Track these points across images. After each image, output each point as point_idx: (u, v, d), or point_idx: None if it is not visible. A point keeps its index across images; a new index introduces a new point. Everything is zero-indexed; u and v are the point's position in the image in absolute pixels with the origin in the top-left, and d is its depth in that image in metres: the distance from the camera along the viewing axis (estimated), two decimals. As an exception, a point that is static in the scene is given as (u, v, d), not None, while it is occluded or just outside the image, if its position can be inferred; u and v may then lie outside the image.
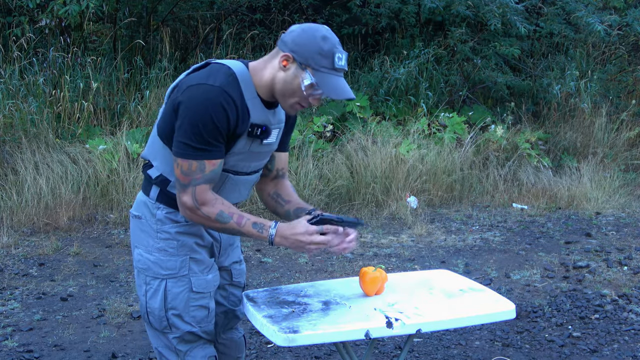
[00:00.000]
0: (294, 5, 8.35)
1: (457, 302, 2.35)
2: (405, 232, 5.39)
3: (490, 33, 7.37)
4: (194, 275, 2.22)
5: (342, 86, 2.08)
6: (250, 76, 2.11)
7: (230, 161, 2.15)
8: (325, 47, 2.03)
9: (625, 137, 7.08)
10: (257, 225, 2.12)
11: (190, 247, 2.22)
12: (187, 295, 2.21)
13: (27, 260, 4.68)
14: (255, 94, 2.11)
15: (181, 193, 2.09)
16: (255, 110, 2.11)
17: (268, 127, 2.16)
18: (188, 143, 2.04)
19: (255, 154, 2.21)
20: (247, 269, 4.54)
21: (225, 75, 2.07)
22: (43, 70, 6.38)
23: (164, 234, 2.20)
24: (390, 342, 3.60)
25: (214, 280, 2.28)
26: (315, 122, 6.39)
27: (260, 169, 2.31)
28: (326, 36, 2.05)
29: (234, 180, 2.21)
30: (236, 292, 2.44)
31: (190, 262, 2.22)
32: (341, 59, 2.07)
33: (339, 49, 2.07)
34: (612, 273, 4.56)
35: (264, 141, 2.18)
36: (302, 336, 2.06)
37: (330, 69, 2.05)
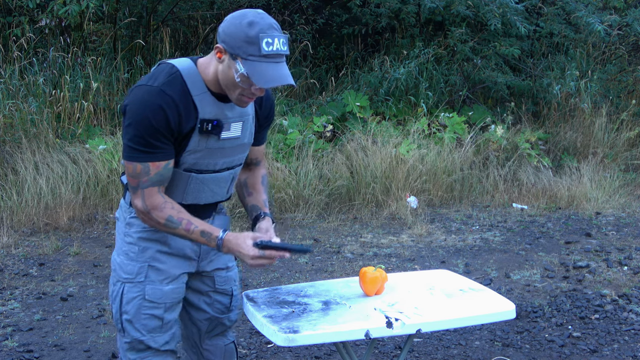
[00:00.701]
0: (294, 5, 8.35)
1: (457, 302, 2.35)
2: (405, 232, 5.39)
3: (490, 33, 7.37)
4: (150, 283, 2.18)
5: (273, 73, 1.98)
6: (199, 72, 2.07)
7: (189, 160, 2.11)
8: (252, 33, 1.94)
9: (625, 137, 7.08)
10: (205, 234, 2.09)
11: (151, 255, 2.18)
12: (140, 302, 2.17)
13: (27, 260, 4.68)
14: (205, 89, 2.06)
15: (132, 196, 2.08)
16: (205, 106, 2.06)
17: (220, 121, 2.09)
18: (130, 145, 2.02)
19: (218, 150, 2.14)
20: (247, 269, 4.55)
21: (166, 74, 2.03)
22: (43, 70, 6.38)
23: (128, 237, 2.20)
24: (390, 342, 3.60)
25: (173, 293, 2.21)
26: (315, 122, 6.39)
27: (235, 166, 2.24)
28: (253, 21, 1.95)
29: (199, 179, 2.15)
30: (222, 300, 2.37)
31: (149, 269, 2.18)
32: (271, 44, 1.96)
33: (270, 33, 1.96)
34: (612, 273, 4.56)
35: (221, 136, 2.11)
36: (302, 336, 2.06)
37: (259, 56, 1.95)
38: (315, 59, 8.09)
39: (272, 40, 1.96)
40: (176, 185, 2.14)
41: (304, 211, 5.64)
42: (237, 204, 5.58)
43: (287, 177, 5.74)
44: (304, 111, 6.89)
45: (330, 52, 8.32)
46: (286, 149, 6.08)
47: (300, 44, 7.53)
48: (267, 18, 1.99)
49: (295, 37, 7.79)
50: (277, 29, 1.99)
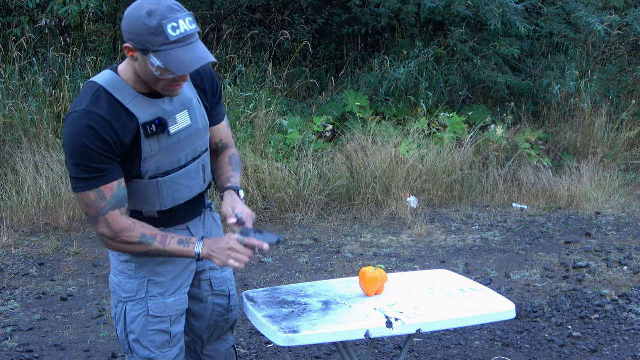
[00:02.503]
0: (294, 5, 8.35)
1: (457, 302, 2.35)
2: (405, 232, 5.39)
3: (490, 33, 7.37)
4: (152, 298, 2.14)
5: (190, 57, 1.88)
6: (121, 79, 1.99)
7: (150, 167, 2.04)
8: (153, 23, 1.84)
9: (625, 137, 7.08)
10: (183, 241, 2.05)
11: (149, 270, 2.14)
12: (145, 319, 2.14)
13: (27, 260, 4.68)
14: (135, 93, 1.99)
15: (96, 226, 2.01)
16: (141, 109, 1.99)
17: (162, 118, 2.02)
18: (76, 176, 1.96)
19: (175, 146, 2.07)
20: (247, 269, 4.55)
21: (90, 94, 1.96)
22: (43, 70, 6.38)
23: (123, 256, 2.15)
24: (390, 342, 3.60)
25: (177, 304, 2.18)
26: (315, 122, 6.39)
27: (200, 153, 2.17)
28: (151, 10, 1.84)
29: (169, 180, 2.09)
30: (221, 302, 2.35)
31: (149, 284, 2.14)
32: (177, 27, 1.85)
33: (172, 16, 1.85)
34: (612, 273, 4.56)
35: (171, 132, 2.04)
36: (302, 336, 2.06)
37: (169, 44, 1.85)
38: (315, 59, 8.09)
39: (177, 24, 1.85)
40: (149, 196, 2.09)
41: (304, 211, 5.64)
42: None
43: (287, 177, 5.74)
44: (304, 111, 6.89)
45: (330, 52, 8.32)
46: (286, 149, 6.08)
47: (300, 44, 7.53)
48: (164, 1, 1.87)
49: (295, 37, 7.79)
50: (179, 9, 1.88)
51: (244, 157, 5.75)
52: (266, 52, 7.53)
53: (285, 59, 7.71)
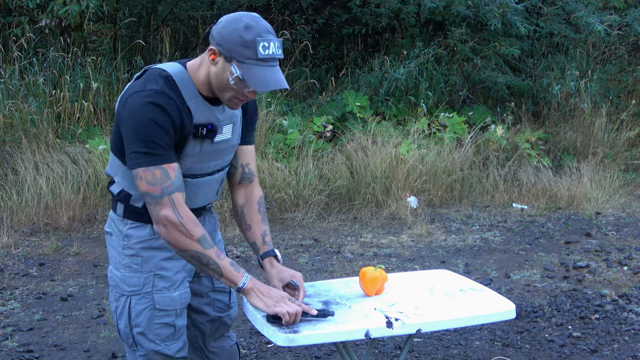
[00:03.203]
0: (294, 5, 8.35)
1: (457, 302, 2.35)
2: (405, 232, 5.38)
3: (490, 33, 7.37)
4: (157, 292, 2.15)
5: (269, 77, 1.97)
6: (189, 76, 2.05)
7: (185, 165, 2.09)
8: (248, 37, 1.94)
9: (625, 137, 7.08)
10: (234, 264, 2.07)
11: (155, 264, 2.16)
12: (151, 312, 2.15)
13: (27, 260, 4.68)
14: (197, 93, 2.05)
15: (158, 207, 1.98)
16: (198, 110, 2.05)
17: (214, 125, 2.09)
18: (140, 151, 1.96)
19: (211, 154, 2.13)
20: (247, 269, 4.55)
21: (161, 78, 2.02)
22: (43, 70, 6.38)
23: (129, 250, 2.15)
24: (390, 342, 3.60)
25: (182, 298, 2.20)
26: (315, 122, 6.39)
27: (225, 166, 2.24)
28: (249, 25, 1.95)
29: (194, 183, 2.15)
30: (221, 298, 2.37)
31: (155, 278, 2.15)
32: (267, 48, 1.95)
33: (266, 37, 1.96)
34: (612, 273, 4.56)
35: (215, 139, 2.11)
36: (302, 336, 2.06)
37: (256, 60, 1.95)
38: (315, 59, 8.09)
39: (268, 45, 1.95)
40: None
41: (304, 211, 5.64)
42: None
43: (287, 177, 5.74)
44: (304, 111, 6.89)
45: (330, 52, 8.32)
46: (286, 149, 6.08)
47: (300, 44, 7.54)
48: (263, 22, 1.99)
49: (295, 37, 7.79)
50: (272, 33, 1.99)
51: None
52: (266, 52, 7.51)
53: (285, 59, 7.71)
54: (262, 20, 2.00)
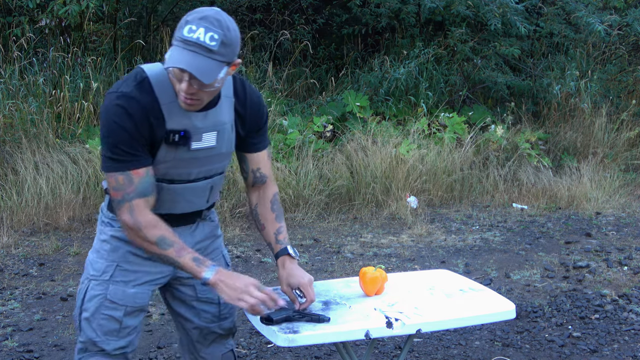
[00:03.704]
0: (294, 5, 8.35)
1: (457, 302, 2.35)
2: (405, 232, 5.38)
3: (490, 33, 7.37)
4: (114, 283, 2.11)
5: (182, 58, 1.85)
6: (170, 78, 1.96)
7: (159, 170, 2.03)
8: (184, 19, 1.88)
9: (625, 137, 7.08)
10: (197, 260, 2.00)
11: (121, 255, 2.12)
12: (101, 301, 2.11)
13: (27, 260, 4.68)
14: (175, 98, 1.97)
15: (119, 211, 2.00)
16: (173, 115, 1.98)
17: (188, 131, 2.00)
18: (106, 155, 1.96)
19: (189, 161, 2.05)
20: (247, 269, 4.55)
21: (135, 80, 1.96)
22: (43, 70, 6.38)
23: (102, 235, 2.16)
24: (390, 342, 3.60)
25: (136, 297, 2.13)
26: (315, 122, 6.39)
27: (213, 175, 2.15)
28: (196, 11, 1.88)
29: (172, 189, 2.08)
30: (208, 309, 2.28)
31: (116, 269, 2.12)
32: (193, 31, 1.84)
33: (200, 23, 1.85)
34: (612, 273, 4.56)
35: (192, 147, 2.02)
36: (302, 336, 2.06)
37: (178, 41, 1.87)
38: (315, 59, 8.09)
39: (196, 29, 1.85)
40: None
41: (304, 211, 5.64)
42: (237, 204, 5.58)
43: (287, 177, 5.74)
44: (304, 111, 6.89)
45: (330, 52, 8.32)
46: (286, 149, 6.08)
47: (300, 44, 7.53)
48: (214, 13, 1.88)
49: (295, 37, 7.79)
50: (212, 23, 1.86)
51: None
52: (266, 52, 7.53)
53: (285, 59, 7.71)
54: (217, 13, 1.89)
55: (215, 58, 1.87)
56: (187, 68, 1.85)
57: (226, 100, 2.09)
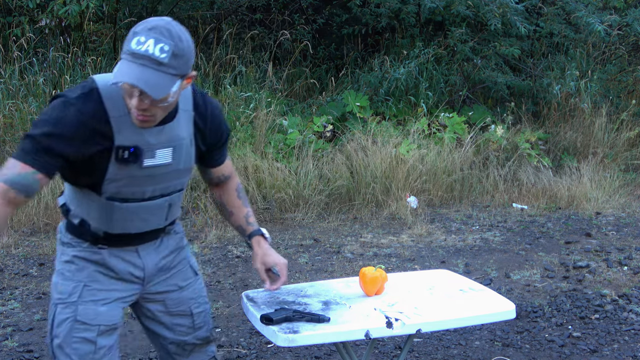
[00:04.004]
0: (294, 5, 8.35)
1: (457, 302, 2.35)
2: (405, 232, 5.38)
3: (490, 33, 7.37)
4: (82, 303, 2.00)
5: (127, 71, 1.73)
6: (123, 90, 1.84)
7: (110, 189, 1.92)
8: (132, 30, 1.76)
9: (625, 137, 7.08)
10: None
11: (88, 274, 2.03)
12: (71, 324, 1.99)
13: (27, 260, 4.68)
14: (127, 112, 1.85)
15: None
16: (123, 130, 1.85)
17: (139, 147, 1.88)
18: (25, 148, 1.82)
19: (144, 178, 1.94)
20: (247, 269, 4.55)
21: (83, 89, 1.85)
22: (43, 70, 6.38)
23: (65, 256, 2.06)
24: (390, 342, 3.60)
25: (108, 315, 2.03)
26: (315, 122, 6.39)
27: (171, 192, 2.04)
28: (146, 22, 1.76)
29: (125, 208, 1.96)
30: (181, 322, 2.19)
31: (84, 289, 2.01)
32: (142, 43, 1.72)
33: (148, 33, 1.73)
34: (612, 273, 4.56)
35: (144, 164, 1.90)
36: (302, 336, 2.06)
37: (127, 54, 1.75)
38: (315, 59, 8.09)
39: (145, 41, 1.72)
40: (100, 215, 1.98)
41: (304, 211, 5.64)
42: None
43: (287, 177, 5.74)
44: (304, 111, 6.89)
45: (330, 52, 8.32)
46: (286, 149, 6.08)
47: (300, 44, 7.54)
48: (164, 23, 1.76)
49: (295, 37, 7.79)
50: (162, 34, 1.74)
51: (244, 156, 5.75)
52: (266, 52, 7.53)
53: (285, 59, 7.72)
54: (166, 23, 1.78)
55: (167, 71, 1.75)
56: (135, 83, 1.73)
57: (184, 114, 1.98)
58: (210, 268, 4.58)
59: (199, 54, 7.25)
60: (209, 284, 4.32)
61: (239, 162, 5.71)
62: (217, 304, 4.03)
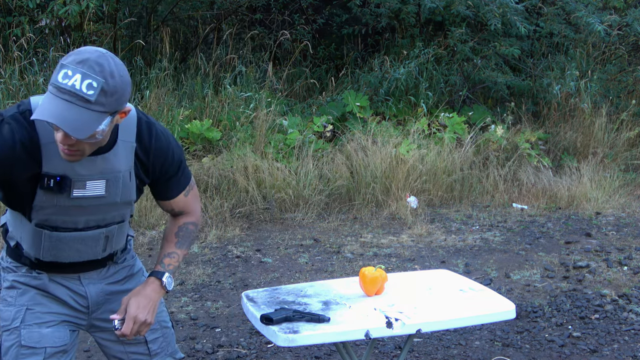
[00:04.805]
0: (294, 5, 8.35)
1: (457, 302, 2.35)
2: (405, 232, 5.38)
3: (490, 33, 7.37)
4: (25, 327, 1.92)
5: (49, 107, 1.62)
6: None
7: (39, 216, 1.85)
8: (61, 62, 1.65)
9: (625, 137, 7.08)
10: None
11: (30, 297, 1.95)
12: (17, 350, 1.91)
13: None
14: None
15: None
16: (52, 157, 1.77)
17: (67, 177, 1.79)
18: None
19: (73, 209, 1.85)
20: (247, 269, 4.55)
21: (17, 109, 1.77)
22: (43, 70, 6.38)
23: (5, 282, 1.98)
24: (390, 342, 3.60)
25: (54, 337, 1.94)
26: (315, 122, 6.39)
27: (109, 224, 1.94)
28: (77, 52, 1.66)
29: (55, 237, 1.89)
30: (136, 350, 2.11)
31: (27, 313, 1.93)
32: (69, 77, 1.61)
33: (76, 67, 1.62)
34: (612, 273, 4.56)
35: (73, 194, 1.81)
36: (302, 336, 2.06)
37: (52, 86, 1.64)
38: (315, 59, 8.09)
39: (72, 75, 1.62)
40: (31, 240, 1.91)
41: (304, 211, 5.64)
42: (237, 204, 5.58)
43: (287, 177, 5.74)
44: (304, 111, 6.89)
45: (330, 52, 8.32)
46: (286, 149, 6.08)
47: (300, 44, 7.54)
48: (96, 56, 1.65)
49: (295, 37, 7.79)
50: (92, 69, 1.63)
51: (244, 156, 5.75)
52: (266, 52, 7.53)
53: (285, 59, 7.72)
54: (99, 56, 1.67)
55: (94, 109, 1.64)
56: (55, 122, 1.62)
57: (124, 145, 1.87)
58: (210, 268, 4.58)
59: (198, 54, 7.25)
60: (209, 284, 4.33)
61: (239, 162, 5.71)
62: (217, 304, 4.03)
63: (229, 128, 6.18)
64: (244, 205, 5.53)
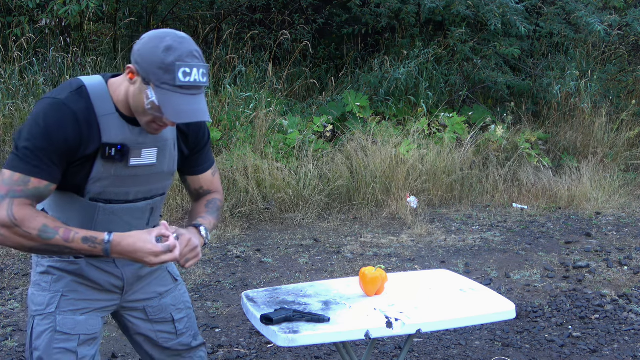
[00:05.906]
0: (294, 5, 8.35)
1: (457, 302, 2.35)
2: (405, 232, 5.38)
3: (490, 33, 7.37)
4: (61, 313, 1.97)
5: (186, 107, 1.77)
6: (108, 90, 1.88)
7: (95, 189, 1.90)
8: (168, 59, 1.75)
9: (625, 137, 7.08)
10: (89, 239, 1.83)
11: (65, 284, 1.99)
12: (51, 335, 1.95)
13: (27, 260, 4.67)
14: (114, 110, 1.87)
15: None
16: (111, 128, 1.86)
17: (126, 146, 1.88)
18: (19, 156, 1.80)
19: (129, 179, 1.93)
20: (247, 269, 4.55)
21: (72, 88, 1.86)
22: (43, 70, 6.38)
23: (40, 267, 2.01)
24: (390, 342, 3.60)
25: (88, 324, 2.00)
26: (315, 122, 6.39)
27: (154, 196, 2.03)
28: (171, 46, 1.77)
29: (109, 210, 1.94)
30: (163, 328, 2.17)
31: (62, 299, 1.98)
32: (189, 74, 1.76)
33: (189, 62, 1.77)
34: (612, 273, 4.56)
35: (130, 163, 1.90)
36: (302, 336, 2.06)
37: (173, 87, 1.76)
38: (315, 59, 8.09)
39: (190, 71, 1.77)
40: (83, 217, 1.94)
41: (304, 211, 5.64)
42: (237, 204, 5.58)
43: (287, 177, 5.74)
44: (304, 111, 6.89)
45: (330, 52, 8.33)
46: (286, 149, 6.08)
47: (300, 44, 7.54)
48: (188, 44, 1.80)
49: (295, 37, 7.79)
50: (198, 57, 1.81)
51: (244, 156, 5.75)
52: (266, 52, 7.53)
53: (285, 59, 7.72)
54: (188, 41, 1.81)
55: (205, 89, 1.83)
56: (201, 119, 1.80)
57: None
58: (210, 268, 4.58)
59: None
60: (209, 284, 4.33)
61: (239, 162, 5.71)
62: (217, 304, 4.03)
63: (229, 128, 6.18)
64: (244, 205, 5.53)
